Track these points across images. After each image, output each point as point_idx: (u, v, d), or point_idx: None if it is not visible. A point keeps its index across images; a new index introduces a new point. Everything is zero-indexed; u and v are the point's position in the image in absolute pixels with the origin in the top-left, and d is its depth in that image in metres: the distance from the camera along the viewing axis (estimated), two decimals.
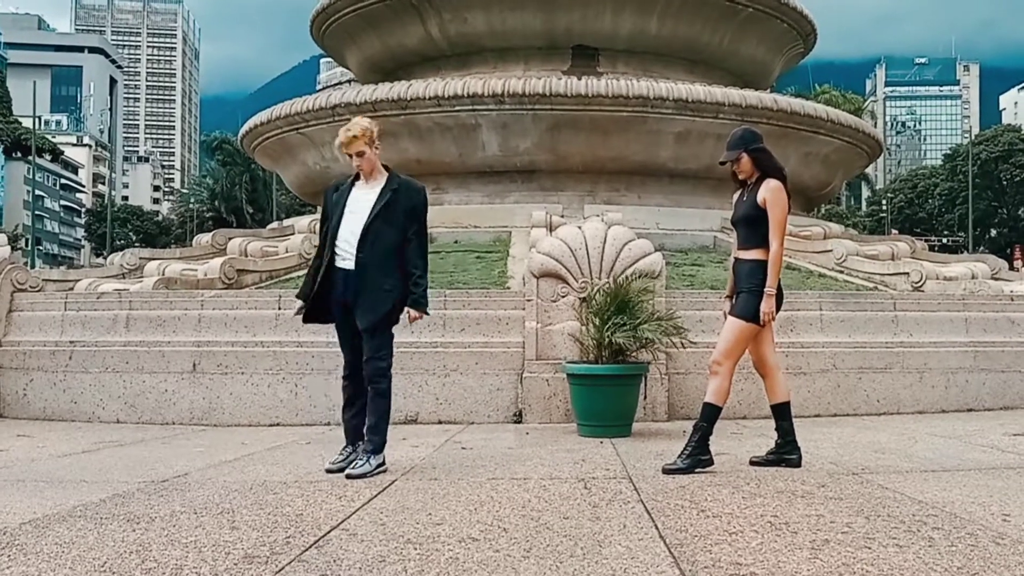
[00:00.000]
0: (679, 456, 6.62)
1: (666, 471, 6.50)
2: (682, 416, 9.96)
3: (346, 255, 6.70)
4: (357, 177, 6.93)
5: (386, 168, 6.95)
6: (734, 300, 6.86)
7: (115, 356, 10.74)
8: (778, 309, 6.76)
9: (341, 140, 6.81)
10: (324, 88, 45.59)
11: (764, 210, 6.70)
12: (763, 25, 20.28)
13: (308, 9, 21.54)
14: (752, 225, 6.78)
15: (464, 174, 17.25)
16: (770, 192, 6.71)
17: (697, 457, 6.57)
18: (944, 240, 75.87)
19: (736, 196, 7.06)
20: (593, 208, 15.40)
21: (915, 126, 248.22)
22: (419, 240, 6.85)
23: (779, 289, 6.76)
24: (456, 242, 15.64)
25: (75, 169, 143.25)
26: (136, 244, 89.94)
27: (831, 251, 15.37)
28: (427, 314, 7.00)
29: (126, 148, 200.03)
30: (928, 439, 8.40)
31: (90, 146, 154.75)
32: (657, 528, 4.70)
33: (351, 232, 6.71)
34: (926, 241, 36.35)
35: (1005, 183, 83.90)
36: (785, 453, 6.84)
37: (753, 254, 6.76)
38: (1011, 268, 25.36)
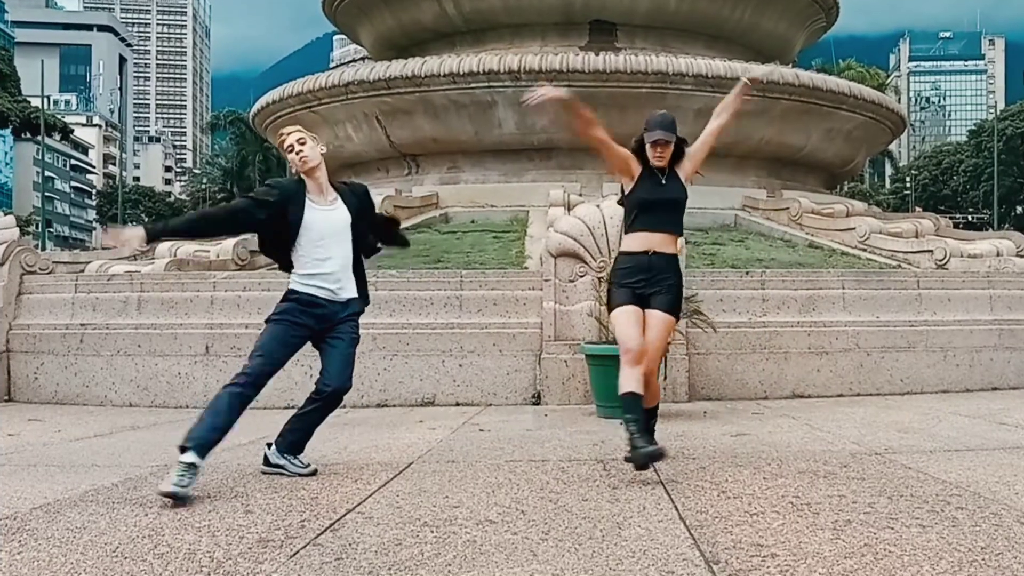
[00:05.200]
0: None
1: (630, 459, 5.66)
2: (703, 396, 9.91)
3: None
4: None
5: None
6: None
7: (127, 339, 10.70)
8: None
9: None
10: (337, 66, 45.47)
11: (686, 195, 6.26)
12: None
13: None
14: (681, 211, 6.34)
15: (480, 152, 17.15)
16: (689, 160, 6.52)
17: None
18: (969, 217, 75.29)
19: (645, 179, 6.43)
20: (612, 186, 15.27)
21: (939, 101, 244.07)
22: None
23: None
24: (473, 221, 15.58)
25: (85, 150, 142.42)
26: None
27: (854, 229, 15.23)
28: None
29: (137, 128, 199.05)
30: (952, 418, 8.31)
31: (100, 126, 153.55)
32: (677, 509, 4.64)
33: None
34: (950, 218, 36.08)
35: None
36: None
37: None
38: None
